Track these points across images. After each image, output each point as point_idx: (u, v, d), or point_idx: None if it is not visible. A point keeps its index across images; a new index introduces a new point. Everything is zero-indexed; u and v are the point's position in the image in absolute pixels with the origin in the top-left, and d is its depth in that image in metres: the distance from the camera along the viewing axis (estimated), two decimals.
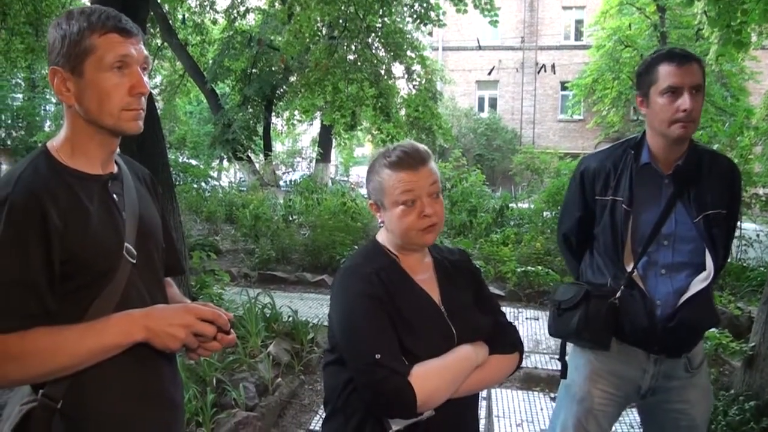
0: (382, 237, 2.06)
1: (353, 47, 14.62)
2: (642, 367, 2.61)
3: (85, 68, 1.66)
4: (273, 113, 23.90)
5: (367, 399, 1.81)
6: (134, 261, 1.74)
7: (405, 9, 14.18)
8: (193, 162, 21.10)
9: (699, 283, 2.51)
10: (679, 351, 2.58)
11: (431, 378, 1.80)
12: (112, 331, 1.61)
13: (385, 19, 14.78)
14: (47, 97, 28.48)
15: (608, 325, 2.56)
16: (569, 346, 2.89)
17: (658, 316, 2.51)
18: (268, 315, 6.12)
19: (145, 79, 1.73)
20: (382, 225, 2.02)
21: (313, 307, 7.71)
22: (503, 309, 2.15)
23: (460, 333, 1.94)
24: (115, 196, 1.78)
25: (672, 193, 2.54)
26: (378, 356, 1.77)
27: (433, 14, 13.32)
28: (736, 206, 2.68)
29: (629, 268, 2.56)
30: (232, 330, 1.78)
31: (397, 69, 18.14)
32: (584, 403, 2.71)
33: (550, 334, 2.88)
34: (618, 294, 2.55)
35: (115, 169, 1.83)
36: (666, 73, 2.43)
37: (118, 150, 1.85)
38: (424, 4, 13.26)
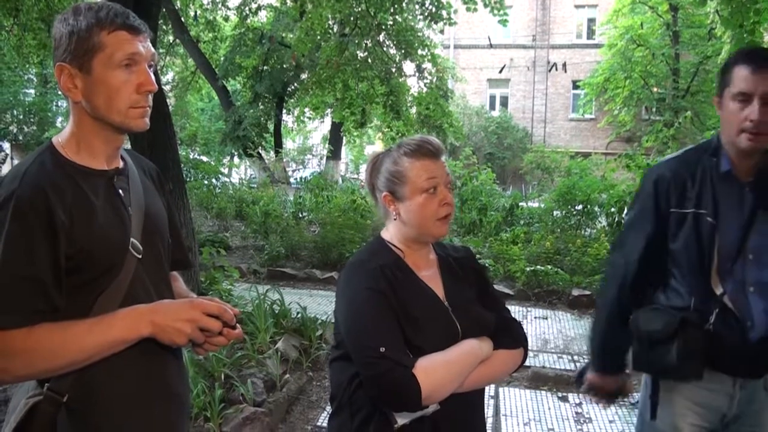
0: (387, 234, 2.07)
1: (364, 45, 14.63)
2: (728, 393, 2.37)
3: (93, 65, 1.66)
4: (284, 110, 23.95)
5: (372, 392, 1.82)
6: (140, 256, 1.75)
7: (416, 7, 14.17)
8: (204, 158, 21.17)
9: None
10: (761, 372, 2.36)
11: (436, 371, 1.81)
12: (119, 326, 1.62)
13: (397, 16, 14.78)
14: (59, 93, 28.45)
15: (704, 354, 2.29)
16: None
17: (752, 338, 2.26)
18: (276, 311, 6.13)
19: (152, 76, 1.74)
20: (396, 218, 2.02)
21: (321, 304, 7.73)
22: (512, 308, 2.15)
23: (465, 328, 1.95)
24: (120, 191, 1.78)
25: (754, 200, 2.30)
26: (383, 349, 1.77)
27: (444, 12, 13.30)
28: None
29: (718, 289, 2.31)
30: (238, 325, 1.78)
31: (408, 67, 18.15)
32: None
33: (635, 369, 2.52)
34: (712, 319, 2.30)
35: (121, 164, 1.83)
36: (740, 77, 2.23)
37: (127, 144, 1.86)
38: (436, 3, 13.25)
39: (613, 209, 10.72)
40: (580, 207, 11.23)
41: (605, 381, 2.61)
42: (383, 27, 15.04)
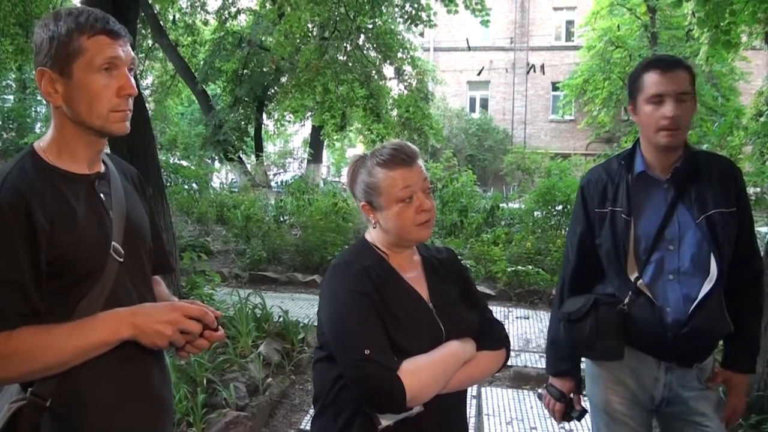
0: (371, 236, 2.07)
1: (344, 48, 14.62)
2: (653, 375, 2.55)
3: (73, 70, 1.66)
4: (264, 114, 23.90)
5: (357, 394, 1.83)
6: (121, 260, 1.75)
7: (396, 10, 14.18)
8: (184, 163, 21.08)
9: (707, 288, 2.41)
10: (691, 360, 2.50)
11: (420, 373, 1.82)
12: (100, 329, 1.62)
13: (376, 19, 14.79)
14: (38, 98, 28.31)
15: (620, 333, 2.51)
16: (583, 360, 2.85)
17: (669, 322, 2.42)
18: (258, 315, 6.13)
19: (132, 80, 1.75)
20: (375, 226, 2.02)
21: (303, 308, 7.71)
22: (493, 308, 2.17)
23: (448, 329, 1.96)
24: (102, 195, 1.78)
25: (673, 196, 2.48)
26: (367, 351, 1.78)
27: (424, 15, 13.32)
28: (744, 203, 2.55)
29: (632, 276, 2.51)
30: (220, 327, 1.78)
31: (388, 70, 18.17)
32: (607, 411, 2.66)
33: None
34: (626, 300, 2.51)
35: (102, 169, 1.84)
36: (651, 81, 2.43)
37: (107, 149, 1.86)
38: (415, 5, 13.27)
39: None
40: (560, 207, 11.28)
41: (557, 383, 2.89)
42: (363, 30, 15.06)
